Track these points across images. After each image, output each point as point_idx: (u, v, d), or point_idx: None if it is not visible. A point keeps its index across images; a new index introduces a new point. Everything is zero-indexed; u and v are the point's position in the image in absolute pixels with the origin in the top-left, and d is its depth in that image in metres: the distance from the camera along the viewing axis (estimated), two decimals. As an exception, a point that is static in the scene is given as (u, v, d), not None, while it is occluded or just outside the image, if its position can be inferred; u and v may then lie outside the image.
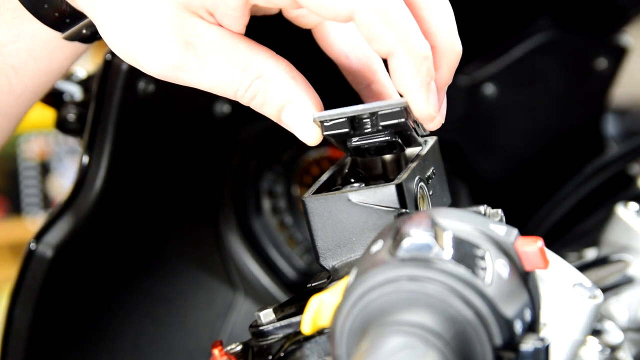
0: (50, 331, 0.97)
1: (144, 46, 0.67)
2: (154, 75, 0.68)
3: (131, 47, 0.68)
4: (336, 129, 0.64)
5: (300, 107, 0.66)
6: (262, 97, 0.67)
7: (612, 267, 0.89)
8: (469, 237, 0.53)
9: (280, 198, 1.12)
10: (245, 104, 0.68)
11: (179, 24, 0.66)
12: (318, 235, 0.64)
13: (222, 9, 0.66)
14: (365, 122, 0.64)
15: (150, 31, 0.66)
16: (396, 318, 0.48)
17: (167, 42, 0.66)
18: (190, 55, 0.66)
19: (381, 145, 0.65)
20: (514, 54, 1.12)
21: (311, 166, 1.12)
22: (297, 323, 0.62)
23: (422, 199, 0.65)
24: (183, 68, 0.67)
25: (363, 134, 0.65)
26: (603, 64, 1.14)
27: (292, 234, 1.11)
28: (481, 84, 1.11)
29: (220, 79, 0.67)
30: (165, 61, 0.67)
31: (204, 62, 0.66)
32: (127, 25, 0.67)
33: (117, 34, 0.68)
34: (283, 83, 0.67)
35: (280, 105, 0.67)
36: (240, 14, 0.66)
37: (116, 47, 0.69)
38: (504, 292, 0.51)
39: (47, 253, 0.92)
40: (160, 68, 0.67)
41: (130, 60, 0.69)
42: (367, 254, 0.53)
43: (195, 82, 0.67)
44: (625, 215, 0.90)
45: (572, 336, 0.71)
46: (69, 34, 0.76)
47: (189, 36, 0.66)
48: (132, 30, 0.67)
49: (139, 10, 0.67)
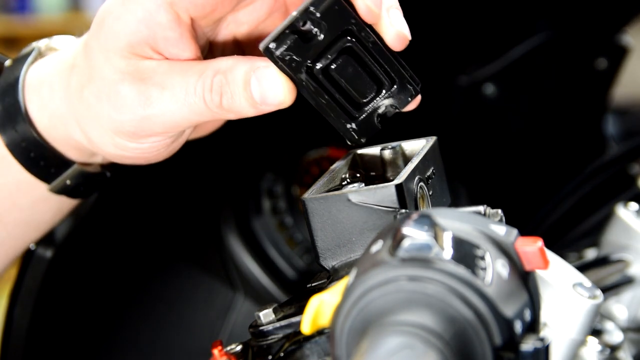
0: (50, 331, 0.97)
1: (114, 117, 0.70)
2: (132, 132, 0.70)
3: (101, 127, 0.71)
4: (290, 50, 0.64)
5: (262, 69, 0.66)
6: (227, 89, 0.67)
7: (612, 267, 0.89)
8: (468, 237, 0.53)
9: (280, 198, 1.12)
10: (220, 111, 0.68)
11: (131, 70, 0.69)
12: (318, 235, 0.64)
13: (162, 41, 0.68)
14: (312, 31, 0.65)
15: (112, 97, 0.69)
16: (396, 318, 0.48)
17: (127, 91, 0.69)
18: (149, 86, 0.68)
19: (346, 64, 0.66)
20: (514, 54, 1.12)
21: (311, 166, 1.12)
22: (297, 323, 0.62)
23: (422, 199, 0.65)
24: (148, 101, 0.68)
25: (316, 45, 0.65)
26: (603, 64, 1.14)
27: (292, 234, 1.11)
28: (481, 84, 1.11)
29: (184, 92, 0.68)
30: (130, 103, 0.69)
31: (163, 85, 0.68)
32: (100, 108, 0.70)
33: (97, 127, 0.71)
34: (238, 64, 0.67)
35: (245, 81, 0.67)
36: (183, 40, 0.69)
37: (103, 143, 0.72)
38: (504, 292, 0.51)
39: (47, 253, 0.92)
40: (130, 115, 0.69)
41: (109, 145, 0.72)
42: (367, 254, 0.53)
43: (164, 111, 0.68)
44: (625, 215, 0.90)
45: (572, 336, 0.71)
46: (55, 185, 0.78)
47: (143, 74, 0.69)
48: (102, 108, 0.70)
49: (103, 88, 0.70)
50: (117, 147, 0.71)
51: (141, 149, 0.71)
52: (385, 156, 0.69)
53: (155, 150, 0.72)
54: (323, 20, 0.64)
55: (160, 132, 0.70)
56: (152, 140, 0.71)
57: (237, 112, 0.68)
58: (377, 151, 0.70)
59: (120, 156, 0.73)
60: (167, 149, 0.73)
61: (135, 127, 0.69)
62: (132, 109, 0.69)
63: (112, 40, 0.69)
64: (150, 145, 0.71)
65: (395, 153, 0.69)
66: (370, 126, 0.68)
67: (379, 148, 0.70)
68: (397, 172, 0.66)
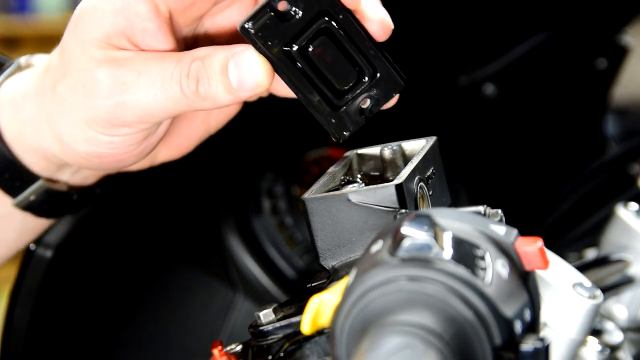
0: (50, 331, 0.97)
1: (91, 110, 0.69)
2: (106, 120, 0.69)
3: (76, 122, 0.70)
4: (267, 28, 0.64)
5: (240, 53, 0.66)
6: (204, 74, 0.67)
7: (612, 267, 0.89)
8: (468, 237, 0.53)
9: (280, 198, 1.12)
10: (196, 99, 0.67)
11: (108, 59, 0.68)
12: (318, 235, 0.64)
13: (139, 33, 0.68)
14: (290, 11, 0.65)
15: (88, 84, 0.69)
16: (396, 318, 0.48)
17: (103, 76, 0.68)
18: (125, 71, 0.68)
19: (325, 46, 0.66)
20: (514, 54, 1.12)
21: (311, 166, 1.12)
22: (297, 323, 0.62)
23: (422, 199, 0.65)
24: (123, 86, 0.68)
25: (294, 25, 0.65)
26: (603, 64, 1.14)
27: (292, 234, 1.11)
28: (481, 84, 1.11)
29: (160, 78, 0.67)
30: (105, 89, 0.68)
31: (139, 71, 0.68)
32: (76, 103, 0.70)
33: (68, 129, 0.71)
34: (217, 51, 0.67)
35: (222, 66, 0.67)
36: (161, 32, 0.69)
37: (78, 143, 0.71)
38: (504, 292, 0.51)
39: (47, 253, 0.92)
40: (104, 100, 0.68)
41: (83, 143, 0.71)
42: (367, 254, 0.53)
43: (140, 96, 0.68)
44: (626, 216, 0.90)
45: (572, 336, 0.71)
46: (20, 200, 0.77)
47: (119, 62, 0.68)
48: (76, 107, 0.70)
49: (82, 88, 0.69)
50: (89, 142, 0.70)
51: (113, 143, 0.70)
52: (385, 156, 0.69)
53: (127, 145, 0.71)
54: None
55: (135, 121, 0.69)
56: (126, 131, 0.70)
57: (213, 100, 0.67)
58: (377, 151, 0.70)
59: (91, 154, 0.71)
60: (139, 147, 0.72)
61: (110, 113, 0.68)
62: (107, 94, 0.68)
63: (89, 32, 0.68)
64: (122, 138, 0.70)
65: (395, 153, 0.69)
66: (353, 120, 0.68)
67: (379, 148, 0.70)
68: (397, 172, 0.66)
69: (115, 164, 0.73)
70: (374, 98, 0.68)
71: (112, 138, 0.70)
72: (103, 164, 0.73)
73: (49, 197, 0.77)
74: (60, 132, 0.72)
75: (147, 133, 0.71)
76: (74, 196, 0.79)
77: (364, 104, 0.68)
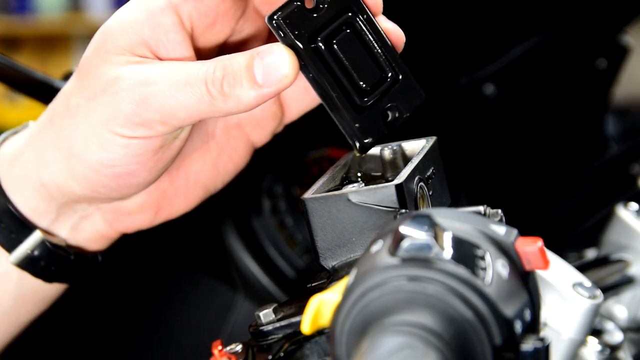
0: (49, 331, 0.97)
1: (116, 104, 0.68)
2: (127, 116, 0.68)
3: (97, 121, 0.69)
4: (293, 18, 0.65)
5: (266, 48, 0.66)
6: (230, 71, 0.66)
7: (612, 267, 0.89)
8: (468, 237, 0.53)
9: (280, 198, 1.12)
10: (221, 98, 0.67)
11: (131, 60, 0.68)
12: (318, 235, 0.64)
13: (163, 44, 0.68)
14: (317, 4, 0.66)
15: (109, 84, 0.68)
16: (396, 318, 0.48)
17: (127, 72, 0.68)
18: (149, 67, 0.67)
19: (349, 40, 0.67)
20: (514, 53, 1.12)
21: (311, 166, 1.11)
22: (297, 323, 0.62)
23: (422, 199, 0.65)
24: (147, 80, 0.67)
25: (321, 16, 0.66)
26: (603, 64, 1.14)
27: (292, 234, 1.11)
28: (481, 84, 1.11)
29: (185, 74, 0.67)
30: (128, 82, 0.67)
31: (164, 68, 0.67)
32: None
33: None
34: (242, 52, 0.67)
35: (248, 64, 0.66)
36: (185, 44, 0.69)
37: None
38: (504, 292, 0.51)
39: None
40: (127, 93, 0.67)
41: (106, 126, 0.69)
42: (367, 254, 0.53)
43: (164, 90, 0.67)
44: (626, 216, 0.90)
45: (572, 336, 0.71)
46: (18, 257, 0.73)
47: (143, 62, 0.68)
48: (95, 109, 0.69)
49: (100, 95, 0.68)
50: (103, 147, 0.68)
51: (128, 147, 0.68)
52: (385, 156, 0.69)
53: (143, 152, 0.69)
54: None
55: (156, 120, 0.67)
56: (144, 132, 0.68)
57: (236, 99, 0.66)
58: (377, 151, 0.70)
59: (103, 164, 0.69)
60: (154, 157, 0.70)
61: (132, 108, 0.67)
62: (131, 86, 0.67)
63: (112, 42, 0.68)
64: (139, 142, 0.68)
65: (395, 153, 0.69)
66: (377, 126, 0.68)
67: (379, 148, 0.70)
68: (397, 172, 0.66)
69: (125, 179, 0.70)
70: (396, 108, 0.68)
71: (128, 141, 0.68)
72: (112, 180, 0.70)
73: (46, 252, 0.74)
74: (70, 145, 0.70)
75: (164, 140, 0.70)
76: (71, 256, 0.76)
77: (387, 110, 0.68)
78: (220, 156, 0.77)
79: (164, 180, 0.76)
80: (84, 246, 0.77)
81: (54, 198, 0.73)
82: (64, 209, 0.74)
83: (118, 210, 0.76)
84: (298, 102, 0.76)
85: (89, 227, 0.77)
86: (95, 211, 0.76)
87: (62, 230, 0.75)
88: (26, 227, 0.73)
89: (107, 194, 0.72)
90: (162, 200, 0.77)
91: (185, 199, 0.78)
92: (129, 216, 0.77)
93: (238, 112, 0.67)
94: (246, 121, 0.77)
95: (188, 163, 0.76)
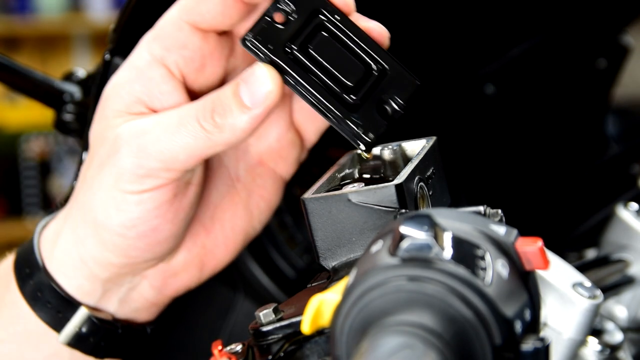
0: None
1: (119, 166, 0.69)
2: (130, 172, 0.69)
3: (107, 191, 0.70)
4: (265, 33, 0.66)
5: (247, 72, 0.67)
6: (219, 103, 0.67)
7: (612, 267, 0.89)
8: (468, 237, 0.53)
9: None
10: (215, 130, 0.67)
11: (129, 119, 0.70)
12: (318, 235, 0.64)
13: (157, 97, 0.69)
14: (285, 16, 0.67)
15: (112, 145, 0.70)
16: (396, 318, 0.48)
17: (124, 129, 0.69)
18: (144, 120, 0.69)
19: (325, 42, 0.67)
20: (514, 53, 1.12)
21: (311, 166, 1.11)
22: (297, 323, 0.62)
23: (422, 199, 0.65)
24: (143, 131, 0.68)
25: (292, 26, 0.67)
26: (603, 64, 1.14)
27: (292, 234, 1.11)
28: (481, 83, 1.11)
29: (177, 117, 0.68)
30: (126, 137, 0.68)
31: (158, 117, 0.69)
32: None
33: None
34: (227, 83, 0.69)
35: (234, 91, 0.67)
36: (177, 92, 0.70)
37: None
38: (504, 292, 0.51)
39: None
40: (127, 149, 0.68)
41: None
42: (367, 254, 0.53)
43: (159, 136, 0.68)
44: (626, 216, 0.90)
45: (572, 336, 0.71)
46: (67, 335, 0.73)
47: (139, 117, 0.70)
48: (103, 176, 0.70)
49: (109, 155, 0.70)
50: (119, 209, 0.69)
51: (142, 203, 0.69)
52: (385, 156, 0.69)
53: (158, 204, 0.69)
54: (295, 4, 0.67)
55: (160, 167, 0.68)
56: (152, 183, 0.69)
57: (231, 127, 0.67)
58: (377, 151, 0.70)
59: (125, 226, 0.70)
60: (171, 207, 0.70)
61: (133, 161, 0.68)
62: (128, 140, 0.68)
63: (110, 107, 0.70)
64: (150, 194, 0.69)
65: (395, 153, 0.69)
66: (375, 121, 0.68)
67: (379, 148, 0.70)
68: (397, 172, 0.66)
69: (151, 236, 0.70)
70: (392, 99, 0.68)
71: (140, 196, 0.69)
72: (139, 241, 0.70)
73: (93, 328, 0.73)
74: (94, 216, 0.70)
75: (176, 188, 0.70)
76: (118, 329, 0.75)
77: (383, 106, 0.68)
78: (250, 197, 0.77)
79: (200, 234, 0.76)
80: (134, 317, 0.77)
81: (96, 275, 0.73)
82: (109, 285, 0.74)
83: (164, 274, 0.76)
84: (311, 122, 0.76)
85: (137, 297, 0.77)
86: (141, 280, 0.76)
87: (109, 305, 0.75)
88: (72, 305, 0.73)
89: (141, 256, 0.72)
90: (204, 255, 0.77)
91: (226, 247, 0.77)
92: (175, 278, 0.76)
93: (237, 140, 0.68)
94: (267, 156, 0.77)
95: (220, 212, 0.77)
